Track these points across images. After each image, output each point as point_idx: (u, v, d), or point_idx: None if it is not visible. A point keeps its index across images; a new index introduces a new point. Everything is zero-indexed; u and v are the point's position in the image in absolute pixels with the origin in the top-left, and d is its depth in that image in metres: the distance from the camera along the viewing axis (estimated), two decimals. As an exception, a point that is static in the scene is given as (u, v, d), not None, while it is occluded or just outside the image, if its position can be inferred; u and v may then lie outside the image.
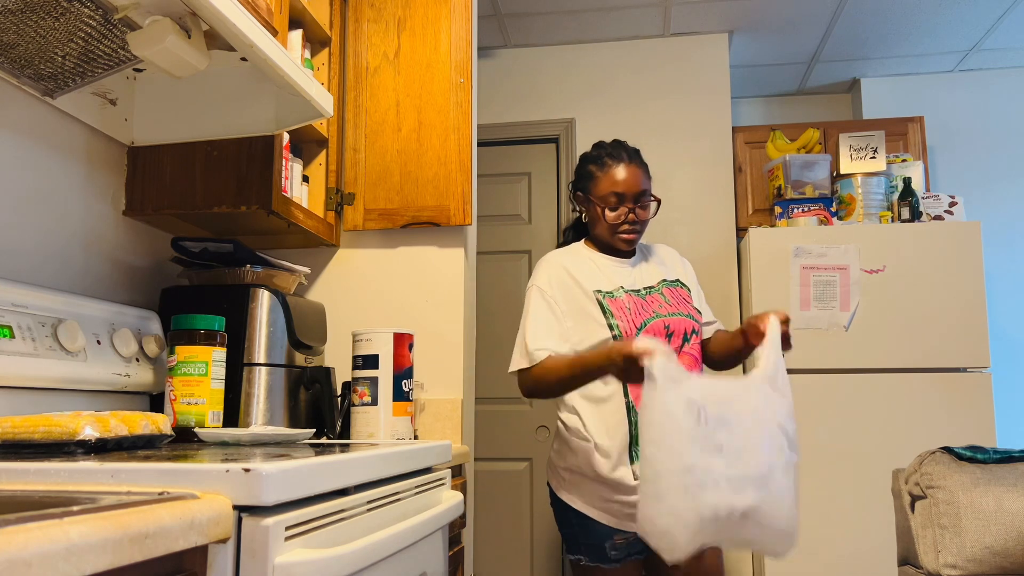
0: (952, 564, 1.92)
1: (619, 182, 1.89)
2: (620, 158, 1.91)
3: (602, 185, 1.90)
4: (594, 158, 1.95)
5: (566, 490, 1.86)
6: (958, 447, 2.06)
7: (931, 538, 1.98)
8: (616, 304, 1.86)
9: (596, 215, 1.92)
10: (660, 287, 1.95)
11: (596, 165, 1.93)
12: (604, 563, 1.79)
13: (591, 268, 1.92)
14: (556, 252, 1.99)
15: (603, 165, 1.92)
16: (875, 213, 3.25)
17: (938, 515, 1.96)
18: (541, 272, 1.93)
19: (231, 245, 1.83)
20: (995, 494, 1.93)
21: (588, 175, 1.94)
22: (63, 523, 0.55)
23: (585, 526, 1.82)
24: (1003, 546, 1.90)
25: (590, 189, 1.93)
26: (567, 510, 1.86)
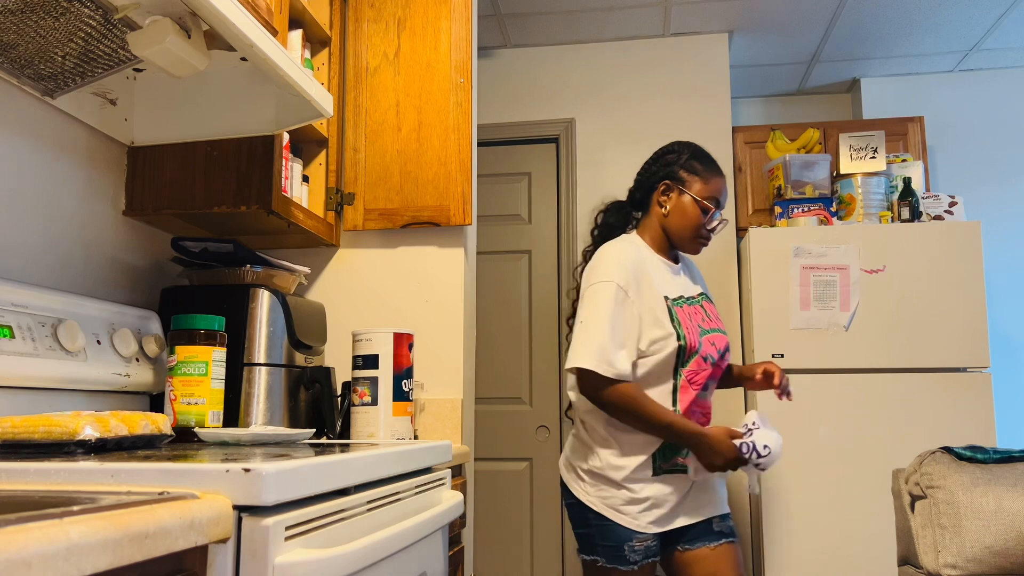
0: (952, 564, 1.92)
1: (721, 191, 1.87)
2: (721, 172, 1.90)
3: (709, 187, 1.86)
4: (703, 157, 1.90)
5: (585, 491, 1.85)
6: (958, 447, 2.06)
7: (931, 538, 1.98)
8: (680, 313, 1.82)
9: (687, 213, 1.86)
10: (699, 299, 1.93)
11: (703, 165, 1.88)
12: (622, 565, 1.78)
13: (657, 270, 1.87)
14: (625, 245, 1.87)
15: (710, 168, 1.88)
16: (875, 213, 3.25)
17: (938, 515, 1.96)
18: (618, 267, 1.81)
19: (231, 245, 1.83)
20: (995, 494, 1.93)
21: (693, 170, 1.88)
22: (63, 523, 0.55)
23: (604, 527, 1.81)
24: (1003, 546, 1.90)
25: (690, 185, 1.87)
26: (585, 510, 1.84)
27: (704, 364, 1.82)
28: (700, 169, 1.88)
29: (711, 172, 1.88)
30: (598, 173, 3.71)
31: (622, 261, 1.82)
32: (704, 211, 1.86)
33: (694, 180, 1.87)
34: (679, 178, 1.88)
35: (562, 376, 3.61)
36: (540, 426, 3.62)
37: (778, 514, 3.02)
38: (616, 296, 1.77)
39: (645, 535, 1.79)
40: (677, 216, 1.88)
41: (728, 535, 1.88)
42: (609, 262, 1.82)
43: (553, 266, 3.71)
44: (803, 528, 3.00)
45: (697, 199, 1.86)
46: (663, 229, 1.91)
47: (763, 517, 3.03)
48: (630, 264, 1.81)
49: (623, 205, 2.02)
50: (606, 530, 1.81)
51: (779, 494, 3.04)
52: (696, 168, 1.88)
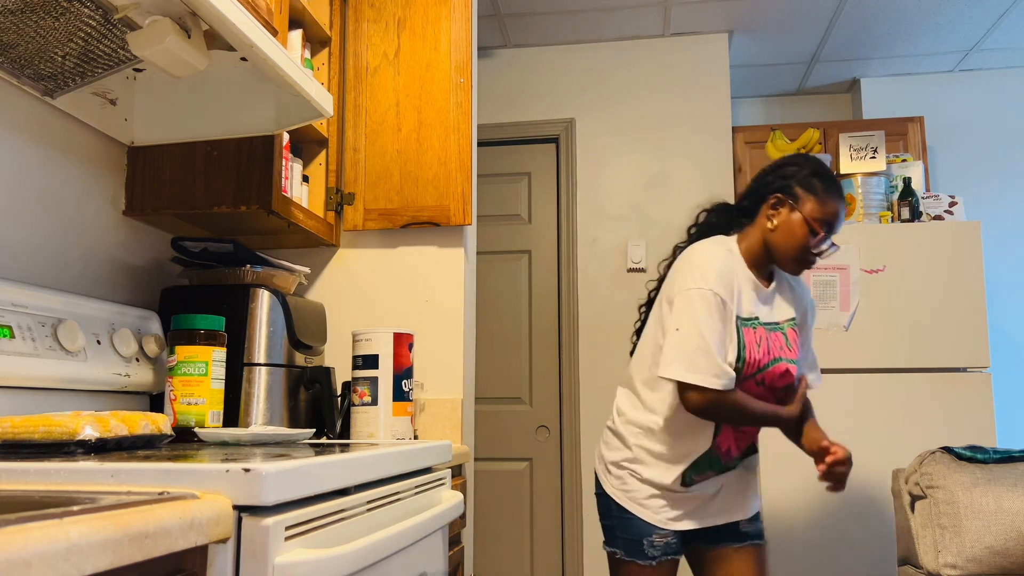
0: (952, 564, 1.92)
1: (837, 215, 1.76)
2: (841, 194, 1.78)
3: (824, 208, 1.75)
4: (825, 177, 1.78)
5: (610, 483, 1.85)
6: (958, 447, 2.06)
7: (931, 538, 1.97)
8: (749, 336, 1.76)
9: (795, 231, 1.76)
10: (785, 326, 1.85)
11: (824, 184, 1.76)
12: (640, 559, 1.78)
13: (744, 284, 1.79)
14: (721, 251, 1.78)
15: (829, 190, 1.76)
16: (875, 213, 3.25)
17: (938, 515, 1.96)
18: (717, 275, 1.73)
19: (231, 245, 1.83)
20: (995, 494, 1.93)
21: (810, 188, 1.76)
22: (63, 523, 0.55)
23: (624, 520, 1.81)
24: (1003, 546, 1.90)
25: (803, 203, 1.75)
26: (609, 502, 1.84)
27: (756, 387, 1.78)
28: (818, 188, 1.75)
29: (829, 194, 1.75)
30: (598, 173, 3.71)
31: (720, 268, 1.74)
32: (813, 233, 1.75)
33: (809, 198, 1.75)
34: (793, 193, 1.77)
35: (562, 376, 3.61)
36: (540, 426, 3.62)
37: (778, 514, 3.02)
38: (716, 305, 1.70)
39: (665, 531, 1.78)
40: (783, 233, 1.77)
41: (755, 537, 1.87)
42: (708, 268, 1.74)
43: (553, 266, 3.71)
44: (803, 527, 3.00)
45: (808, 219, 1.74)
46: (765, 243, 1.81)
47: (763, 517, 3.03)
48: (727, 271, 1.74)
49: (729, 208, 1.92)
50: (627, 523, 1.80)
51: (779, 494, 3.04)
52: (814, 186, 1.76)
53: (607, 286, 3.63)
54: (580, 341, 3.61)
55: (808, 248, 1.76)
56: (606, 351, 3.59)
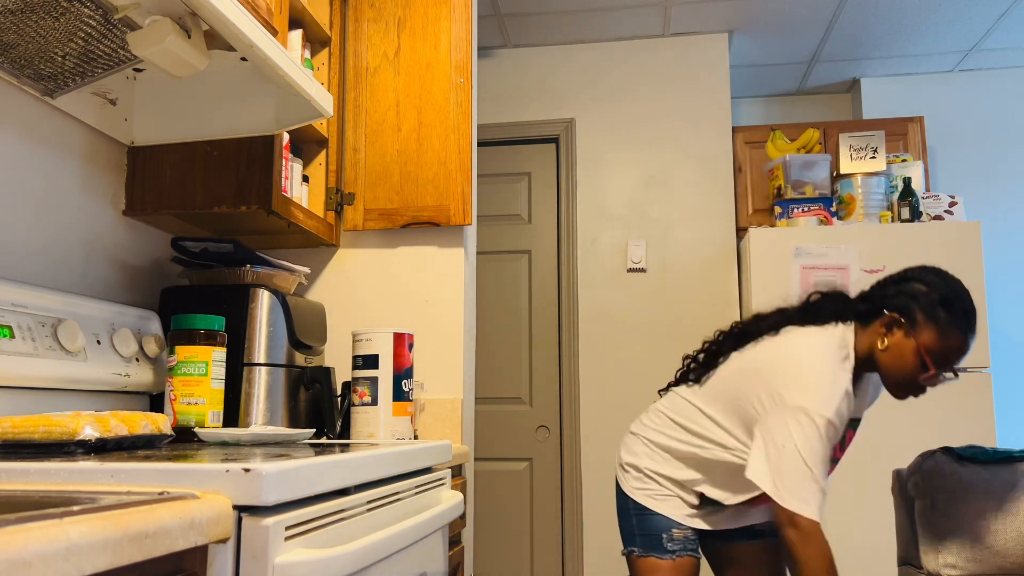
0: (952, 564, 1.92)
1: (959, 351, 1.60)
2: (973, 328, 1.60)
3: (944, 343, 1.58)
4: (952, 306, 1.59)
5: (629, 483, 1.84)
6: (958, 447, 2.06)
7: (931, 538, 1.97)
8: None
9: (905, 360, 1.61)
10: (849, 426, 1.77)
11: (951, 315, 1.58)
12: (658, 553, 1.75)
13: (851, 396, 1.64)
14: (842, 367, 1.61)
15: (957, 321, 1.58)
16: (875, 213, 3.25)
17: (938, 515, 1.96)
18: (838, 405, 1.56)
19: (231, 245, 1.83)
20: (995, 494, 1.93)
21: (934, 318, 1.59)
22: (63, 523, 0.55)
23: (643, 516, 1.79)
24: (1003, 546, 1.90)
25: (920, 332, 1.59)
26: (626, 500, 1.83)
27: None
28: (943, 319, 1.58)
29: (955, 327, 1.57)
30: (598, 173, 3.71)
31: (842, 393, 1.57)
32: (924, 367, 1.59)
33: (928, 329, 1.59)
34: (913, 318, 1.60)
35: (562, 376, 3.61)
36: (540, 426, 3.62)
37: (778, 514, 3.02)
38: (827, 434, 1.55)
39: (684, 527, 1.77)
40: (893, 357, 1.62)
41: (771, 534, 1.87)
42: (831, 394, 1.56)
43: (553, 266, 3.71)
44: (803, 528, 3.00)
45: (922, 350, 1.59)
46: (873, 357, 1.66)
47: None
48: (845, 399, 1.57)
49: (847, 301, 1.74)
50: (645, 519, 1.78)
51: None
52: (938, 316, 1.58)
53: (607, 286, 3.63)
54: (580, 341, 3.61)
55: (916, 380, 1.61)
56: (606, 351, 3.59)
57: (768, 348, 1.69)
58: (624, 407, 3.54)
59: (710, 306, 3.54)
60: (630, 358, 3.56)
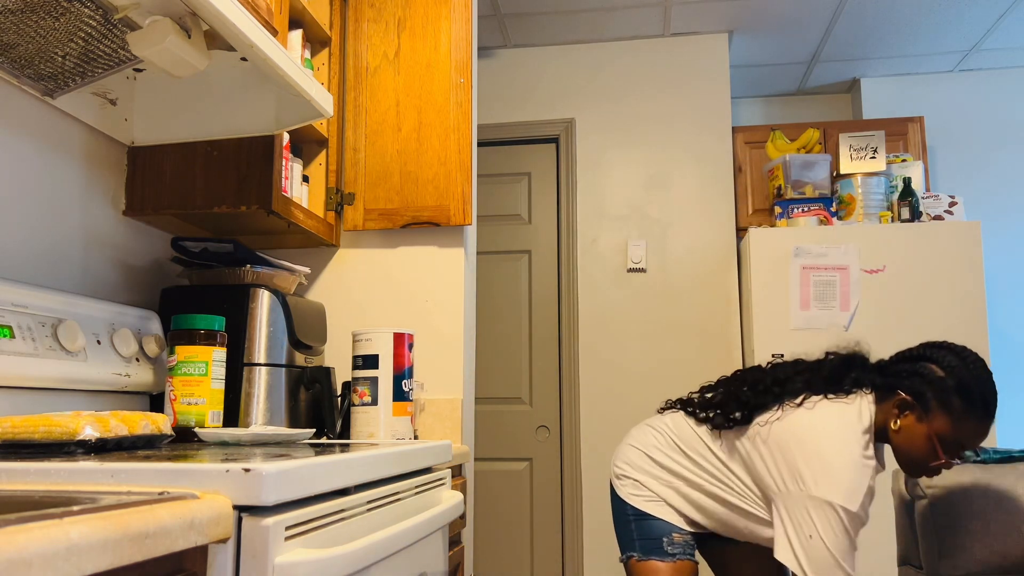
0: (952, 564, 1.92)
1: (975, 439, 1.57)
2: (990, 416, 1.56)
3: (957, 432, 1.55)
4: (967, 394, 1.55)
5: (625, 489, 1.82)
6: (958, 447, 2.06)
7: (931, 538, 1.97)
8: None
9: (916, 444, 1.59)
10: None
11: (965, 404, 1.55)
12: (658, 556, 1.74)
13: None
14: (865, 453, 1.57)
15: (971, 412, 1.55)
16: (875, 213, 3.25)
17: (938, 515, 1.96)
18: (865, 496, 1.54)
19: (231, 245, 1.83)
20: (995, 494, 1.93)
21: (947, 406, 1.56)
22: (63, 523, 0.55)
23: (642, 521, 1.78)
24: (1003, 546, 1.90)
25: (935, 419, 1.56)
26: (623, 505, 1.81)
27: None
28: (957, 408, 1.54)
29: (970, 416, 1.54)
30: (598, 173, 3.71)
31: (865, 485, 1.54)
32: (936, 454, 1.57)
33: (941, 416, 1.55)
34: (926, 404, 1.57)
35: (562, 376, 3.61)
36: (540, 426, 3.62)
37: (778, 514, 3.02)
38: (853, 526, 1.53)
39: (684, 531, 1.76)
40: (904, 439, 1.60)
41: None
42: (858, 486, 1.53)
43: (553, 266, 3.71)
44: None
45: (934, 438, 1.56)
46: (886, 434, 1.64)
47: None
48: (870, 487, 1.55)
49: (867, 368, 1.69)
50: (644, 524, 1.77)
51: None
52: (952, 405, 1.55)
53: (607, 286, 3.63)
54: (580, 341, 3.61)
55: (928, 465, 1.59)
56: (606, 351, 3.59)
57: (791, 424, 1.63)
58: (624, 407, 3.54)
59: (710, 306, 3.55)
60: (630, 358, 3.56)
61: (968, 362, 1.58)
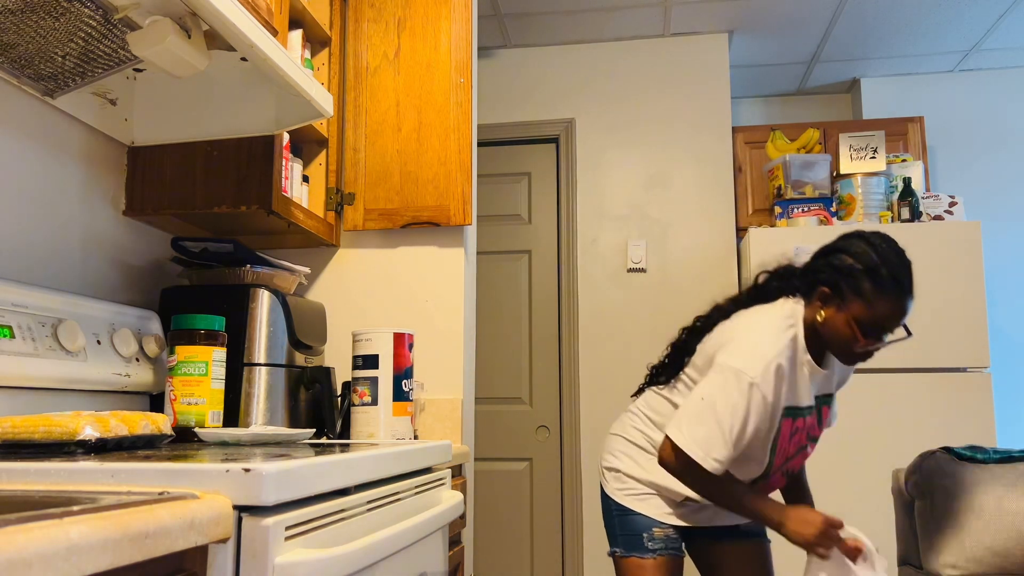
0: (952, 564, 1.92)
1: (891, 317, 1.59)
2: (903, 290, 1.59)
3: (872, 313, 1.58)
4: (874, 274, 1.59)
5: (610, 485, 1.85)
6: (958, 447, 2.06)
7: (931, 538, 1.97)
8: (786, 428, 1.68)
9: (840, 331, 1.62)
10: (823, 402, 1.77)
11: (874, 284, 1.58)
12: (639, 552, 1.75)
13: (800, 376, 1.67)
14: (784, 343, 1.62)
15: (883, 291, 1.58)
16: (875, 213, 3.25)
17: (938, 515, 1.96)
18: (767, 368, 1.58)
19: (231, 245, 1.83)
20: (995, 494, 1.93)
21: (857, 290, 1.60)
22: (63, 523, 0.55)
23: (624, 517, 1.80)
24: (1003, 546, 1.90)
25: (850, 304, 1.60)
26: (609, 501, 1.84)
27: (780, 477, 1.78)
28: (868, 291, 1.58)
29: (882, 296, 1.58)
30: (598, 173, 3.71)
31: (776, 360, 1.59)
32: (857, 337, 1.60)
33: (856, 302, 1.59)
34: (841, 293, 1.61)
35: (562, 376, 3.61)
36: (540, 426, 3.62)
37: (778, 514, 3.02)
38: (752, 397, 1.57)
39: (665, 525, 1.77)
40: (830, 329, 1.63)
41: (758, 534, 1.87)
42: (761, 358, 1.58)
43: (553, 266, 3.71)
44: (803, 528, 3.00)
45: (853, 323, 1.60)
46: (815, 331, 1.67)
47: (763, 517, 3.03)
48: (783, 368, 1.60)
49: (794, 274, 1.74)
50: (626, 519, 1.79)
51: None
52: (863, 289, 1.59)
53: (607, 286, 3.63)
54: (580, 341, 3.61)
55: (854, 350, 1.63)
56: (606, 351, 3.59)
57: (719, 332, 1.72)
58: (624, 407, 3.54)
59: (710, 306, 3.54)
60: (630, 358, 3.56)
61: (875, 245, 1.63)
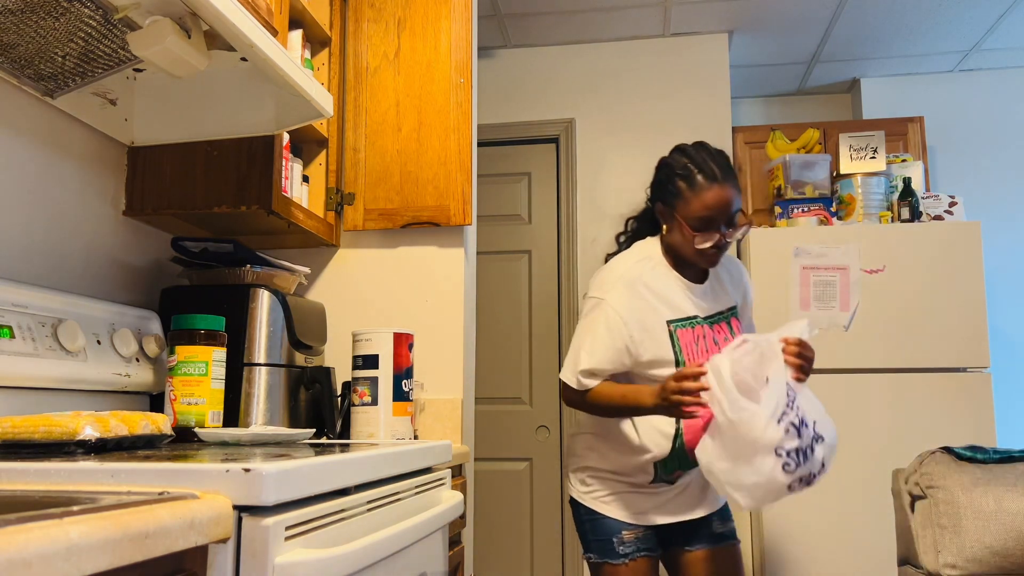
0: (952, 564, 1.92)
1: (711, 205, 1.69)
2: (713, 177, 1.70)
3: (692, 207, 1.70)
4: (683, 173, 1.73)
5: (577, 488, 1.87)
6: (958, 447, 2.06)
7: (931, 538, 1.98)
8: (685, 336, 1.75)
9: (682, 234, 1.73)
10: (728, 315, 1.84)
11: (686, 182, 1.72)
12: (611, 559, 1.78)
13: (668, 291, 1.77)
14: (633, 263, 1.78)
15: (693, 184, 1.71)
16: (875, 213, 3.25)
17: (938, 515, 1.96)
18: (614, 287, 1.74)
19: (231, 245, 1.83)
20: (995, 494, 1.93)
21: (675, 192, 1.73)
22: (63, 523, 0.55)
23: (594, 521, 1.82)
24: (1003, 546, 1.90)
25: (676, 207, 1.73)
26: (578, 506, 1.86)
27: None
28: (684, 190, 1.72)
29: (694, 186, 1.70)
30: (598, 173, 3.71)
31: (624, 278, 1.75)
32: (699, 230, 1.70)
33: (678, 200, 1.73)
34: (664, 199, 1.77)
35: (562, 376, 3.61)
36: (540, 426, 3.62)
37: (778, 514, 3.02)
38: (604, 315, 1.71)
39: (636, 527, 1.78)
40: (674, 239, 1.76)
41: (729, 537, 1.88)
42: (609, 278, 1.76)
43: (553, 266, 3.71)
44: (803, 528, 3.00)
45: (684, 221, 1.71)
46: (669, 245, 1.81)
47: (763, 516, 3.03)
48: (630, 288, 1.73)
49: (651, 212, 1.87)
50: (596, 524, 1.81)
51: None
52: (677, 187, 1.73)
53: (607, 286, 3.62)
54: (580, 341, 3.60)
55: (696, 247, 1.72)
56: (606, 351, 3.58)
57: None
58: (624, 407, 3.54)
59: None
60: (630, 358, 3.56)
61: (685, 150, 1.78)
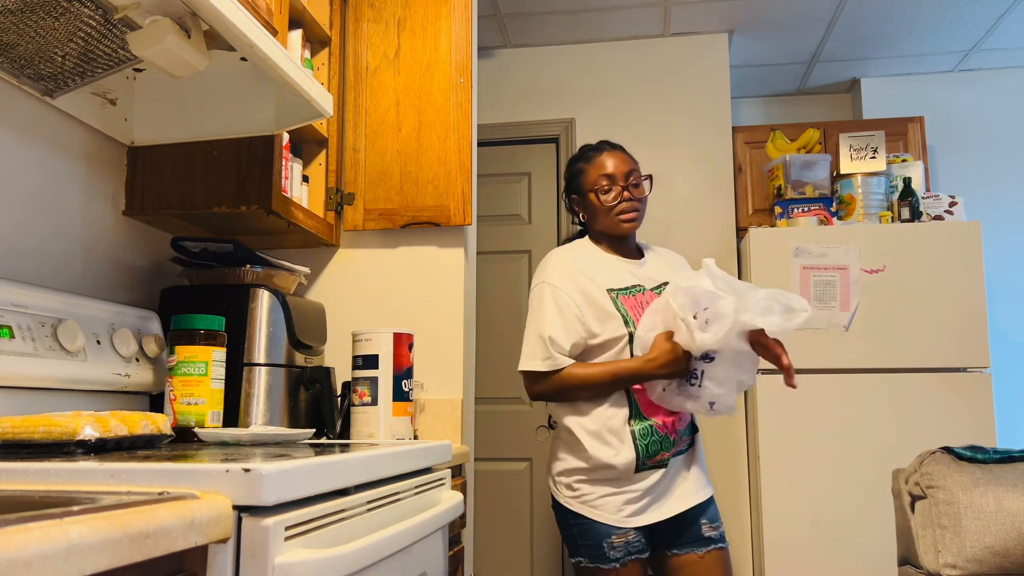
0: (952, 564, 1.92)
1: (606, 165, 1.92)
2: (602, 148, 1.97)
3: (591, 175, 1.94)
4: (578, 156, 2.01)
5: (562, 492, 1.87)
6: (958, 447, 2.06)
7: (931, 538, 1.98)
8: (630, 302, 1.86)
9: (594, 206, 1.94)
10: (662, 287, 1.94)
11: (582, 161, 1.98)
12: (603, 563, 1.78)
13: (602, 264, 1.92)
14: (562, 249, 1.98)
15: (588, 158, 1.97)
16: (875, 213, 3.25)
17: (938, 515, 1.96)
18: (550, 268, 1.91)
19: (231, 245, 1.83)
20: (995, 494, 1.93)
21: (577, 172, 1.98)
22: (63, 523, 0.55)
23: (582, 526, 1.81)
24: (1003, 546, 1.90)
25: (582, 184, 1.96)
26: (564, 511, 1.86)
27: None
28: (581, 165, 1.97)
29: (588, 159, 1.96)
30: (598, 173, 3.71)
31: (552, 264, 1.91)
32: (603, 191, 1.91)
33: (580, 177, 1.96)
34: (573, 187, 1.99)
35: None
36: (540, 426, 3.62)
37: (778, 514, 3.02)
38: (550, 292, 1.85)
39: (625, 530, 1.78)
40: (591, 215, 1.96)
41: (718, 541, 1.88)
42: (544, 266, 1.92)
43: (553, 266, 3.71)
44: (803, 528, 3.00)
45: (587, 190, 1.94)
46: (596, 232, 1.98)
47: (763, 517, 3.03)
48: (562, 265, 1.89)
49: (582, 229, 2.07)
50: (585, 528, 1.81)
51: (779, 493, 3.04)
52: (577, 168, 1.98)
53: (607, 286, 3.62)
54: (580, 341, 3.60)
55: (608, 205, 1.91)
56: (606, 351, 3.58)
57: None
58: (624, 407, 3.54)
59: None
60: (630, 358, 3.56)
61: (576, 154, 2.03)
